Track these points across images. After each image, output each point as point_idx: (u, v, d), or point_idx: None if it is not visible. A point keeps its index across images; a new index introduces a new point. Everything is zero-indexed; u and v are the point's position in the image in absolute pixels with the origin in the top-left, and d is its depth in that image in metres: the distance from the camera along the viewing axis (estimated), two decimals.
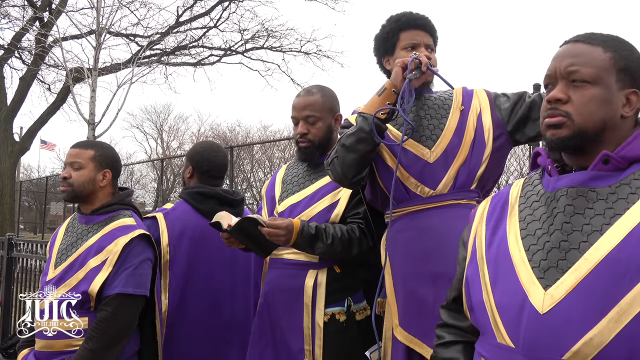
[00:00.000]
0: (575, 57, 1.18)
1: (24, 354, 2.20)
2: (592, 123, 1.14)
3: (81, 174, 2.22)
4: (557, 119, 1.16)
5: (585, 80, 1.15)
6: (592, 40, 1.19)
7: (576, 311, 1.03)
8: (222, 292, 2.49)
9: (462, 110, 1.97)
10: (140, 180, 24.67)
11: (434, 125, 1.95)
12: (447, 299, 1.38)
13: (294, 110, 2.23)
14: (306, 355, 2.06)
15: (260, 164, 19.44)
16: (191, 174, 2.60)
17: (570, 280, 1.05)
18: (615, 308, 1.00)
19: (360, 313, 2.12)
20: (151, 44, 13.19)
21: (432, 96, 2.02)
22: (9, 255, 5.40)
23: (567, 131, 1.15)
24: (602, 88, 1.15)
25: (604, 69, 1.16)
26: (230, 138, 26.27)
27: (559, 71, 1.19)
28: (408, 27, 1.98)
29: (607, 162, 1.12)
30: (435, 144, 1.91)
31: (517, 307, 1.10)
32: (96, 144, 2.36)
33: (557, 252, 1.09)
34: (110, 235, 2.13)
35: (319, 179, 2.21)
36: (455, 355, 1.29)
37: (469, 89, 2.05)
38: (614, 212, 1.07)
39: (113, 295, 2.04)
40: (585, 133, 1.15)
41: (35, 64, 13.77)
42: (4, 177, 13.83)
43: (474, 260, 1.26)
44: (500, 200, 1.30)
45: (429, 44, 1.99)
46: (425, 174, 1.89)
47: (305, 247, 2.03)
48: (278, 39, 15.13)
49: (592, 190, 1.12)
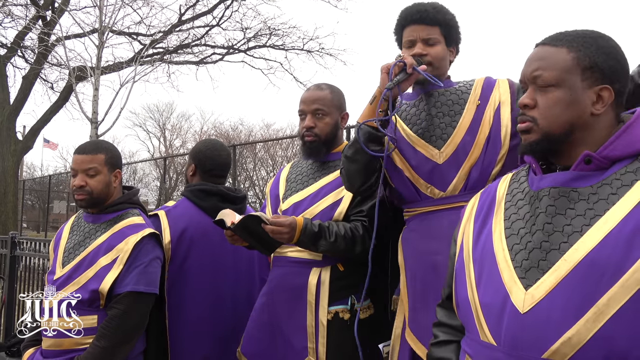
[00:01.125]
0: (539, 60, 1.19)
1: (30, 353, 2.20)
2: (557, 125, 1.16)
3: (98, 179, 2.19)
4: (525, 124, 1.19)
5: (549, 83, 1.17)
6: (558, 41, 1.20)
7: (555, 311, 1.05)
8: (224, 290, 2.48)
9: (478, 105, 1.86)
10: (143, 178, 24.71)
11: (445, 124, 1.87)
12: (442, 296, 1.39)
13: (302, 103, 2.22)
14: (310, 352, 2.05)
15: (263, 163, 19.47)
16: (194, 172, 2.60)
17: (550, 281, 1.07)
18: (592, 308, 1.02)
19: (364, 311, 2.12)
20: (154, 42, 13.22)
21: (448, 91, 1.92)
22: (12, 253, 5.40)
23: (534, 136, 1.18)
24: (566, 90, 1.16)
25: (567, 70, 1.16)
26: (232, 136, 26.31)
27: (526, 76, 1.21)
28: (407, 22, 1.91)
29: (589, 162, 1.13)
30: (446, 144, 1.84)
31: (499, 306, 1.12)
32: (103, 145, 2.31)
33: (538, 252, 1.11)
34: (120, 233, 2.13)
35: (323, 177, 2.21)
36: (448, 355, 1.30)
37: (492, 79, 1.93)
38: (594, 213, 1.08)
39: (124, 293, 2.05)
40: (551, 136, 1.16)
41: (38, 63, 13.80)
42: (7, 175, 13.85)
43: (461, 257, 1.28)
44: (488, 196, 1.31)
45: (427, 37, 1.87)
46: (434, 176, 1.85)
47: (309, 244, 2.02)
48: (280, 37, 15.14)
49: (574, 191, 1.13)
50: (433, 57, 1.87)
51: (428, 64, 1.85)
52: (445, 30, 1.89)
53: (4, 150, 13.88)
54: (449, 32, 1.90)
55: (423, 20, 1.87)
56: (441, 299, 1.39)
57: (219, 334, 2.46)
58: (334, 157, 2.23)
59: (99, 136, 11.08)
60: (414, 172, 1.87)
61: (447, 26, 1.89)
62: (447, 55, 1.92)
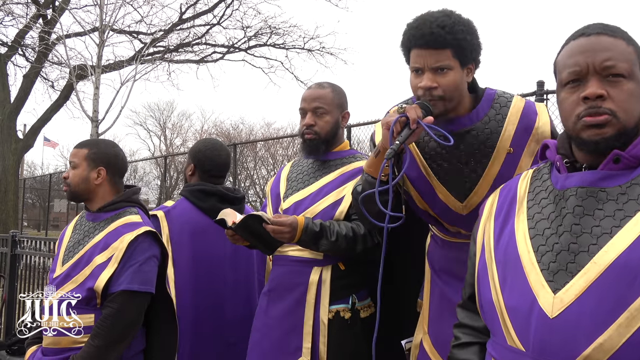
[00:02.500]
0: (609, 51, 1.11)
1: (32, 351, 2.22)
2: (633, 119, 1.10)
3: (75, 173, 2.25)
4: (603, 117, 1.08)
5: (622, 74, 1.10)
6: (614, 32, 1.14)
7: (586, 316, 1.01)
8: (223, 290, 2.48)
9: (509, 153, 1.63)
10: (144, 177, 24.74)
11: (470, 170, 1.65)
12: (463, 297, 1.35)
13: (304, 101, 2.21)
14: (304, 353, 2.04)
15: (264, 161, 19.46)
16: (193, 171, 2.60)
17: (580, 284, 1.03)
18: (625, 313, 0.99)
19: (365, 310, 2.12)
20: (154, 41, 13.21)
21: (474, 129, 1.64)
22: (13, 252, 5.40)
23: (612, 130, 1.09)
24: (636, 82, 1.11)
25: (633, 62, 1.11)
26: (233, 135, 26.30)
27: (594, 66, 1.11)
28: (413, 45, 1.59)
29: (617, 161, 1.09)
30: (469, 197, 1.67)
31: (526, 310, 1.08)
32: (93, 142, 2.36)
33: (566, 254, 1.07)
34: (116, 232, 2.14)
35: (324, 176, 2.20)
36: (470, 357, 1.27)
37: (532, 111, 1.65)
38: (624, 214, 1.05)
39: (118, 292, 2.05)
40: (628, 130, 1.10)
41: (38, 62, 13.81)
42: (7, 174, 13.86)
43: (482, 258, 1.24)
44: (508, 194, 1.27)
45: (436, 65, 1.56)
46: (460, 223, 1.75)
47: (310, 244, 2.02)
48: (281, 36, 15.15)
49: (602, 191, 1.09)
50: (445, 89, 1.57)
51: (439, 99, 1.58)
52: (458, 51, 1.56)
53: (5, 148, 13.89)
54: (462, 53, 1.57)
55: (430, 44, 1.55)
56: (462, 299, 1.35)
57: (218, 334, 2.45)
58: (335, 156, 2.22)
59: (100, 135, 11.08)
60: (437, 216, 1.78)
61: (460, 47, 1.56)
62: (462, 80, 1.61)
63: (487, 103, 1.68)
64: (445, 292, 1.82)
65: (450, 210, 1.72)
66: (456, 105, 1.63)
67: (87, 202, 2.29)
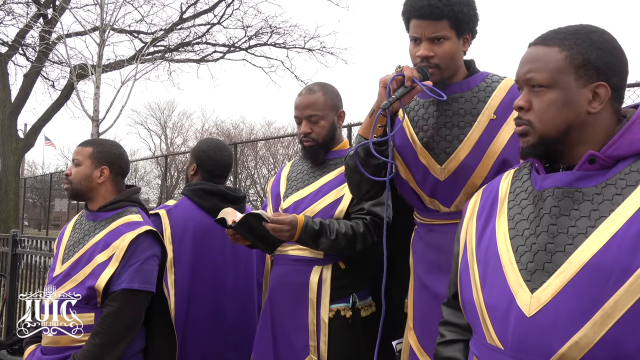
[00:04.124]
0: (531, 62, 1.17)
1: (31, 350, 2.22)
2: (553, 127, 1.14)
3: (78, 170, 2.25)
4: (521, 128, 1.17)
5: (542, 85, 1.15)
6: (549, 40, 1.17)
7: (562, 314, 1.04)
8: (224, 290, 2.49)
9: (492, 120, 1.69)
10: (145, 177, 24.71)
11: (452, 136, 1.72)
12: (448, 295, 1.38)
13: (297, 109, 2.21)
14: (311, 351, 2.05)
15: (264, 161, 19.45)
16: (195, 171, 2.60)
17: (556, 284, 1.06)
18: (599, 312, 1.01)
19: (365, 309, 2.12)
20: (155, 40, 13.21)
21: (463, 96, 1.74)
22: (14, 251, 5.42)
23: (532, 139, 1.16)
24: (560, 90, 1.13)
25: (559, 70, 1.14)
26: (234, 135, 26.29)
27: (520, 79, 1.19)
28: (412, 16, 1.68)
29: (593, 161, 1.11)
30: (448, 160, 1.72)
31: (504, 308, 1.11)
32: (97, 141, 2.37)
33: (543, 254, 1.10)
34: (117, 231, 2.14)
35: (324, 175, 2.21)
36: (455, 354, 1.29)
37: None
38: (599, 214, 1.07)
39: (119, 290, 2.05)
40: (548, 138, 1.15)
41: (39, 61, 13.82)
42: (8, 173, 13.88)
43: (465, 257, 1.26)
44: (490, 194, 1.29)
45: (433, 35, 1.65)
46: (437, 192, 1.77)
47: (310, 242, 2.02)
48: (282, 36, 15.16)
49: (578, 191, 1.11)
50: (440, 58, 1.67)
51: (435, 67, 1.68)
52: (455, 22, 1.65)
53: (6, 148, 13.91)
54: (459, 24, 1.66)
55: (427, 15, 1.64)
56: (447, 298, 1.38)
57: (218, 334, 2.46)
58: (335, 155, 2.23)
59: (100, 134, 11.08)
60: (417, 185, 1.82)
61: (456, 18, 1.65)
62: (458, 50, 1.71)
63: (479, 77, 1.78)
64: (424, 281, 1.82)
65: (429, 175, 1.75)
66: (452, 74, 1.73)
67: (87, 201, 2.29)
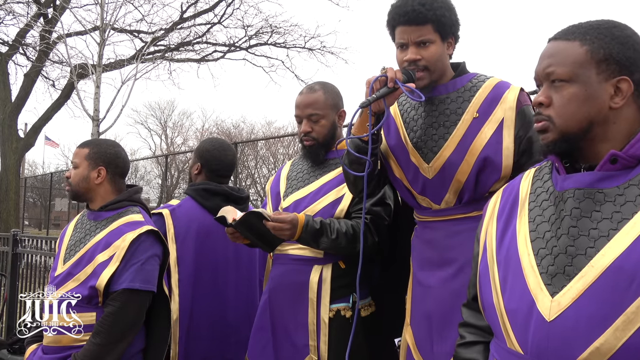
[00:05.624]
0: (551, 57, 1.15)
1: (32, 349, 2.22)
2: (575, 123, 1.11)
3: (76, 172, 2.26)
4: (541, 124, 1.15)
5: (562, 79, 1.12)
6: (570, 35, 1.15)
7: (583, 319, 1.01)
8: (226, 290, 2.49)
9: (475, 118, 1.74)
10: (145, 176, 24.73)
11: (438, 136, 1.77)
12: (467, 297, 1.35)
13: (297, 109, 2.21)
14: (311, 350, 2.05)
15: (265, 160, 19.46)
16: (199, 170, 2.60)
17: (577, 288, 1.03)
18: (621, 317, 0.98)
19: (365, 309, 2.12)
20: (155, 40, 13.21)
21: (449, 97, 1.80)
22: (14, 251, 5.41)
23: (552, 135, 1.13)
24: (581, 85, 1.11)
25: (580, 64, 1.11)
26: (234, 134, 26.31)
27: (540, 74, 1.17)
28: (397, 23, 1.75)
29: (615, 161, 1.08)
30: (434, 158, 1.77)
31: (524, 313, 1.08)
32: (94, 142, 2.37)
33: (564, 257, 1.07)
34: (118, 231, 2.14)
35: (324, 175, 2.20)
36: (475, 356, 1.27)
37: (503, 89, 1.76)
38: (621, 216, 1.04)
39: (120, 290, 2.05)
40: (569, 135, 1.12)
41: (39, 61, 13.82)
42: (8, 173, 13.89)
43: (484, 259, 1.24)
44: (511, 194, 1.26)
45: (419, 40, 1.72)
46: (427, 190, 1.81)
47: (310, 241, 2.02)
48: (282, 35, 15.16)
49: (599, 192, 1.08)
50: (428, 60, 1.74)
51: (424, 69, 1.74)
52: (438, 26, 1.73)
53: (6, 147, 13.91)
54: (442, 28, 1.74)
55: (412, 20, 1.71)
56: (467, 299, 1.36)
57: (219, 334, 2.46)
58: (335, 154, 2.22)
59: (101, 134, 11.09)
60: (409, 184, 1.85)
61: (439, 22, 1.72)
62: (444, 53, 1.78)
63: (466, 78, 1.83)
64: (418, 277, 1.84)
65: (419, 174, 1.80)
66: (439, 77, 1.79)
67: (88, 202, 2.30)
